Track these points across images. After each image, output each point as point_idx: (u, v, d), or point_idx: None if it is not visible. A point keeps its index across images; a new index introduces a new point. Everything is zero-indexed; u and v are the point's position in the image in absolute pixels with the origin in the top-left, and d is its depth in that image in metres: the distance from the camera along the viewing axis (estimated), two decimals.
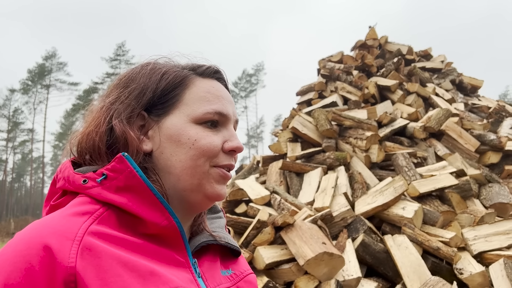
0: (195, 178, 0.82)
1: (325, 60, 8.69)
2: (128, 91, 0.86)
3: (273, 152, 6.44)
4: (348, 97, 7.25)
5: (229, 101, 0.90)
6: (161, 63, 0.91)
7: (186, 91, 0.86)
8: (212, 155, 0.83)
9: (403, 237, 4.18)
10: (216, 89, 0.88)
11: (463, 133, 6.18)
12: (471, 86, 8.74)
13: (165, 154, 0.82)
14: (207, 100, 0.86)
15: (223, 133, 0.86)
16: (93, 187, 0.77)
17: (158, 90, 0.85)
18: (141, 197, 0.76)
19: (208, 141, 0.82)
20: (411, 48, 8.84)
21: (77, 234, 0.69)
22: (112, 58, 51.09)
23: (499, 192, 5.24)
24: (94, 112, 0.89)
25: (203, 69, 0.90)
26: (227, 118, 0.87)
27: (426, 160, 5.82)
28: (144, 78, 0.87)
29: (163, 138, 0.83)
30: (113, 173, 0.77)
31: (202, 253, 0.87)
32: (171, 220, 0.77)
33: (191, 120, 0.83)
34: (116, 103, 0.86)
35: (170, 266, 0.76)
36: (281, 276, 3.98)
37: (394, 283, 4.03)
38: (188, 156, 0.81)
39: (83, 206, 0.75)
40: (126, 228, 0.76)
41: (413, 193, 4.81)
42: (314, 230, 4.08)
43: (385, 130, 6.15)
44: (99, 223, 0.73)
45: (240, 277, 0.91)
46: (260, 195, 4.99)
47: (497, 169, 6.07)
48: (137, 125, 0.85)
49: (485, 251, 4.14)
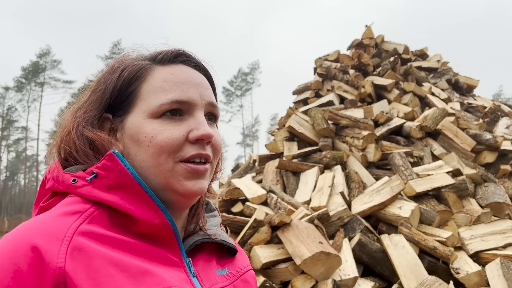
0: (160, 177, 0.77)
1: (322, 59, 8.68)
2: (93, 95, 0.84)
3: (269, 151, 6.43)
4: (345, 96, 7.25)
5: (193, 85, 0.82)
6: (124, 58, 0.87)
7: (143, 85, 0.81)
8: (173, 150, 0.77)
9: (400, 236, 4.18)
10: (175, 75, 0.81)
11: (459, 133, 6.19)
12: (467, 85, 8.77)
13: (131, 155, 0.79)
14: (163, 90, 0.79)
15: (189, 122, 0.79)
16: (83, 186, 0.75)
17: (116, 89, 0.82)
18: (133, 195, 0.74)
19: (165, 135, 0.77)
20: (407, 47, 8.85)
21: (66, 234, 0.67)
22: (108, 56, 50.83)
23: (495, 192, 5.25)
24: (63, 121, 0.87)
25: (162, 56, 0.84)
26: (191, 104, 0.80)
27: (423, 159, 5.82)
28: (105, 78, 0.85)
29: (127, 139, 0.80)
30: (104, 171, 0.75)
31: (197, 252, 0.85)
32: (164, 219, 0.75)
33: (148, 115, 0.78)
34: (80, 110, 0.84)
35: (163, 265, 0.74)
36: (277, 275, 3.96)
37: (391, 283, 4.02)
38: (149, 154, 0.77)
39: (73, 205, 0.73)
40: (118, 227, 0.74)
41: (409, 192, 4.81)
42: (311, 230, 4.06)
43: (381, 129, 6.14)
44: (89, 223, 0.71)
45: (236, 276, 0.89)
46: (256, 194, 4.97)
47: (493, 168, 6.08)
48: (106, 128, 0.83)
49: (481, 251, 4.15)
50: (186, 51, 0.88)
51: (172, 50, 0.86)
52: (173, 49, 0.86)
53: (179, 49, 0.87)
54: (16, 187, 70.57)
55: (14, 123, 54.78)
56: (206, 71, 0.90)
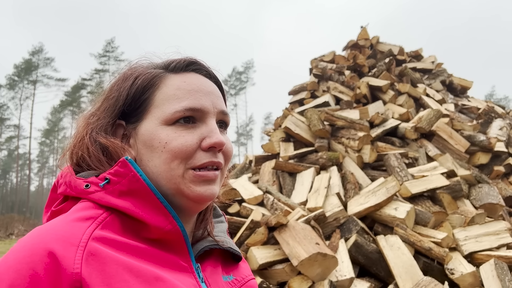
0: (171, 182, 0.79)
1: (317, 59, 8.71)
2: (106, 102, 0.86)
3: (265, 151, 6.44)
4: (340, 97, 7.28)
5: (206, 93, 0.84)
6: (137, 67, 0.88)
7: (156, 93, 0.83)
8: (186, 156, 0.78)
9: (396, 237, 4.21)
10: (188, 83, 0.83)
11: (453, 134, 6.25)
12: (461, 87, 8.84)
13: (144, 160, 0.81)
14: (176, 97, 0.81)
15: (201, 130, 0.81)
16: (96, 192, 0.76)
17: (129, 97, 0.83)
18: (144, 201, 0.75)
19: (179, 142, 0.78)
20: (402, 49, 8.90)
21: (81, 240, 0.68)
22: (101, 54, 50.56)
23: (489, 193, 5.31)
24: (77, 127, 0.88)
25: (174, 64, 0.86)
26: (204, 112, 0.82)
27: (417, 160, 5.87)
28: (118, 86, 0.86)
29: (140, 145, 0.81)
30: (116, 177, 0.76)
31: (205, 258, 0.86)
32: (175, 225, 0.76)
33: (162, 122, 0.80)
34: (94, 116, 0.85)
35: (173, 271, 0.75)
36: (274, 276, 3.98)
37: (387, 283, 4.05)
38: (162, 160, 0.78)
39: (86, 211, 0.74)
40: (130, 232, 0.75)
41: (405, 193, 4.84)
42: (308, 231, 4.09)
43: (377, 131, 6.18)
44: (102, 228, 0.72)
45: (241, 283, 0.90)
46: (253, 195, 4.98)
47: (487, 169, 6.15)
48: (119, 135, 0.84)
49: (475, 252, 4.19)
50: (198, 59, 0.89)
51: (184, 59, 0.88)
52: (186, 58, 0.88)
53: (191, 58, 0.89)
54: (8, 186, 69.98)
55: (6, 121, 54.32)
56: (217, 80, 0.92)
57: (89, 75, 50.94)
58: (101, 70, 50.32)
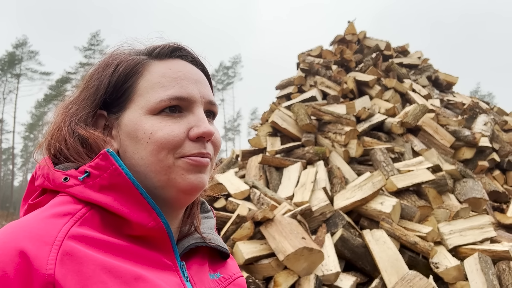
0: (161, 174, 0.75)
1: (305, 54, 8.69)
2: (85, 91, 0.81)
3: (252, 146, 6.41)
4: (327, 92, 7.28)
5: (192, 81, 0.80)
6: (118, 53, 0.84)
7: (139, 80, 0.78)
8: (174, 147, 0.75)
9: (381, 232, 4.23)
10: (173, 70, 0.79)
11: (439, 129, 6.29)
12: (447, 82, 8.92)
13: (128, 152, 0.76)
14: (162, 85, 0.77)
15: (188, 119, 0.77)
16: (75, 186, 0.71)
17: (111, 85, 0.79)
18: (126, 197, 0.71)
19: (165, 131, 0.74)
20: (389, 44, 8.93)
21: (56, 238, 0.63)
22: (86, 47, 49.85)
23: (473, 187, 5.37)
24: (55, 117, 0.83)
25: (158, 50, 0.81)
26: (190, 101, 0.78)
27: (403, 155, 5.90)
28: (98, 74, 0.81)
29: (123, 136, 0.77)
30: (97, 170, 0.71)
31: (191, 256, 0.82)
32: (159, 221, 0.72)
33: (146, 112, 0.76)
34: (73, 106, 0.81)
35: (157, 269, 0.72)
36: (260, 271, 3.96)
37: (372, 278, 4.07)
38: (148, 151, 0.74)
39: (64, 206, 0.69)
40: (111, 229, 0.71)
41: (391, 188, 4.86)
42: (294, 225, 4.07)
43: (363, 125, 6.19)
44: (81, 225, 0.68)
45: (229, 280, 0.87)
46: (239, 189, 4.95)
47: (471, 164, 6.22)
48: (100, 125, 0.80)
49: (460, 245, 4.24)
50: (183, 45, 0.85)
51: (169, 44, 0.83)
52: (170, 44, 0.84)
53: (176, 44, 0.84)
54: None
55: None
56: (203, 67, 0.88)
57: (74, 69, 50.18)
58: (86, 63, 49.61)
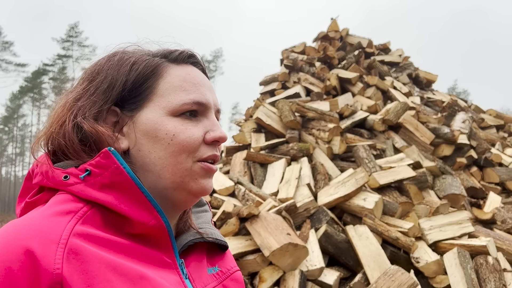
0: (176, 175, 0.77)
1: (288, 50, 8.72)
2: (94, 86, 0.80)
3: (236, 142, 6.42)
4: (311, 89, 7.33)
5: (208, 88, 0.84)
6: (130, 52, 0.84)
7: (159, 81, 0.80)
8: (193, 149, 0.78)
9: (364, 227, 4.31)
10: (192, 76, 0.82)
11: (419, 126, 6.42)
12: (426, 80, 9.09)
13: (143, 151, 0.77)
14: (184, 89, 0.80)
15: (204, 123, 0.81)
16: (76, 184, 0.72)
17: (129, 82, 0.79)
18: (128, 195, 0.72)
19: (187, 134, 0.77)
20: (371, 42, 9.03)
21: (62, 236, 0.64)
22: (64, 39, 48.72)
23: (452, 184, 5.51)
24: (58, 110, 0.81)
25: (176, 55, 0.84)
26: (207, 107, 0.82)
27: (385, 152, 6.01)
28: (112, 70, 0.81)
29: (139, 135, 0.78)
30: (98, 169, 0.72)
31: (189, 252, 0.84)
32: (160, 220, 0.73)
33: (167, 113, 0.78)
34: (81, 100, 0.79)
35: (157, 267, 0.73)
36: (245, 267, 3.99)
37: (355, 272, 4.15)
38: (168, 152, 0.76)
39: (66, 204, 0.70)
40: (112, 227, 0.72)
41: (373, 184, 4.95)
42: (279, 221, 4.11)
43: (346, 122, 6.27)
44: (83, 223, 0.68)
45: (226, 274, 0.89)
46: (224, 186, 4.97)
47: (450, 161, 6.37)
48: (110, 122, 0.80)
49: (439, 241, 4.35)
50: (196, 53, 0.88)
51: (186, 50, 0.86)
52: (187, 50, 0.87)
53: (190, 50, 0.87)
54: None
55: None
56: (208, 76, 0.91)
57: (51, 61, 49.03)
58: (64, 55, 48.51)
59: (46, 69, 49.51)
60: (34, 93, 49.29)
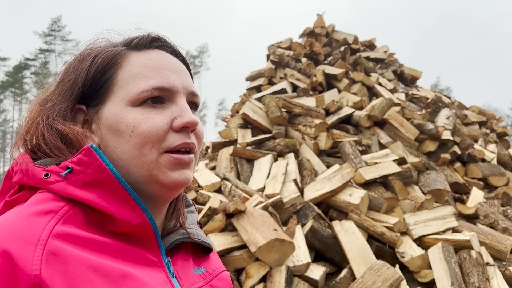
0: (143, 169, 0.73)
1: (275, 46, 8.71)
2: (62, 85, 0.79)
3: (223, 138, 6.39)
4: (297, 84, 7.33)
5: (174, 71, 0.78)
6: (96, 46, 0.81)
7: (119, 72, 0.76)
8: (158, 139, 0.73)
9: (350, 222, 4.33)
10: (154, 60, 0.77)
11: (404, 122, 6.48)
12: (411, 77, 9.18)
13: (110, 147, 0.75)
14: (143, 76, 0.75)
15: (171, 109, 0.75)
16: (57, 182, 0.69)
17: (89, 77, 0.76)
18: (111, 193, 0.69)
19: (149, 124, 0.73)
20: (356, 38, 9.07)
21: (40, 237, 0.62)
22: (46, 33, 47.87)
23: (436, 179, 5.58)
24: (32, 111, 0.80)
25: (137, 41, 0.80)
26: (173, 91, 0.76)
27: (370, 147, 6.04)
28: (76, 67, 0.78)
29: (104, 130, 0.75)
30: (80, 166, 0.69)
31: (175, 251, 0.82)
32: (144, 218, 0.71)
33: (127, 104, 0.74)
34: (51, 100, 0.78)
35: (143, 266, 0.71)
36: (232, 263, 3.97)
37: (341, 267, 4.17)
38: (131, 145, 0.73)
39: (46, 203, 0.67)
40: (95, 226, 0.69)
41: (359, 180, 4.98)
42: (265, 217, 4.11)
43: (332, 118, 6.29)
44: (64, 223, 0.66)
45: (213, 275, 0.87)
46: (210, 181, 4.94)
47: (434, 157, 6.45)
48: (79, 120, 0.78)
49: (424, 235, 4.40)
50: (162, 35, 0.83)
51: (147, 35, 0.82)
52: (149, 34, 0.82)
53: (154, 34, 0.83)
54: None
55: None
56: (183, 57, 0.86)
57: (33, 55, 48.13)
58: (46, 49, 47.70)
59: (28, 63, 48.63)
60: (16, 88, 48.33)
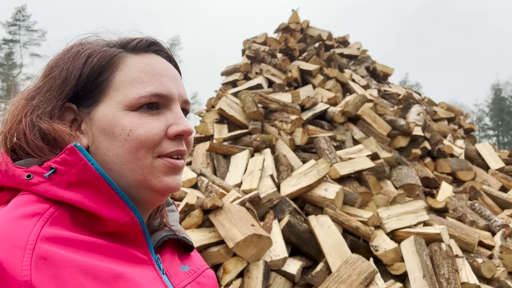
0: (137, 173, 0.73)
1: (250, 41, 8.70)
2: (49, 82, 0.77)
3: (199, 133, 6.35)
4: (273, 80, 7.36)
5: (171, 78, 0.79)
6: (88, 44, 0.80)
7: (115, 74, 0.75)
8: (153, 145, 0.73)
9: (326, 217, 4.40)
10: (152, 65, 0.77)
11: (377, 118, 6.61)
12: (383, 73, 9.36)
13: (101, 149, 0.74)
14: (141, 81, 0.75)
15: (167, 117, 0.76)
16: (40, 183, 0.68)
17: (83, 77, 0.75)
18: (97, 193, 0.68)
19: (145, 129, 0.73)
20: (330, 34, 9.17)
21: (28, 241, 0.60)
22: (10, 23, 46.07)
23: (408, 174, 5.74)
24: (14, 108, 0.78)
25: (135, 44, 0.79)
26: (169, 98, 0.77)
27: (344, 143, 6.15)
28: (67, 64, 0.77)
29: (96, 132, 0.74)
30: (64, 166, 0.68)
31: (163, 249, 0.82)
32: (133, 216, 0.70)
33: (124, 107, 0.73)
34: (37, 97, 0.76)
35: (133, 264, 0.71)
36: (209, 259, 3.98)
37: (317, 262, 4.24)
38: (126, 149, 0.72)
39: (30, 206, 0.65)
40: (82, 227, 0.68)
41: (334, 175, 5.06)
42: (243, 213, 4.12)
43: (307, 114, 6.35)
44: (51, 225, 0.64)
45: (198, 272, 0.88)
46: (186, 177, 4.91)
47: (405, 152, 6.62)
48: (67, 119, 0.76)
49: (397, 229, 4.53)
50: (158, 40, 0.83)
51: (146, 38, 0.81)
52: (147, 38, 0.81)
53: (151, 38, 0.82)
54: None
55: None
56: (176, 63, 0.86)
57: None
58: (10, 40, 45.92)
59: None
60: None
